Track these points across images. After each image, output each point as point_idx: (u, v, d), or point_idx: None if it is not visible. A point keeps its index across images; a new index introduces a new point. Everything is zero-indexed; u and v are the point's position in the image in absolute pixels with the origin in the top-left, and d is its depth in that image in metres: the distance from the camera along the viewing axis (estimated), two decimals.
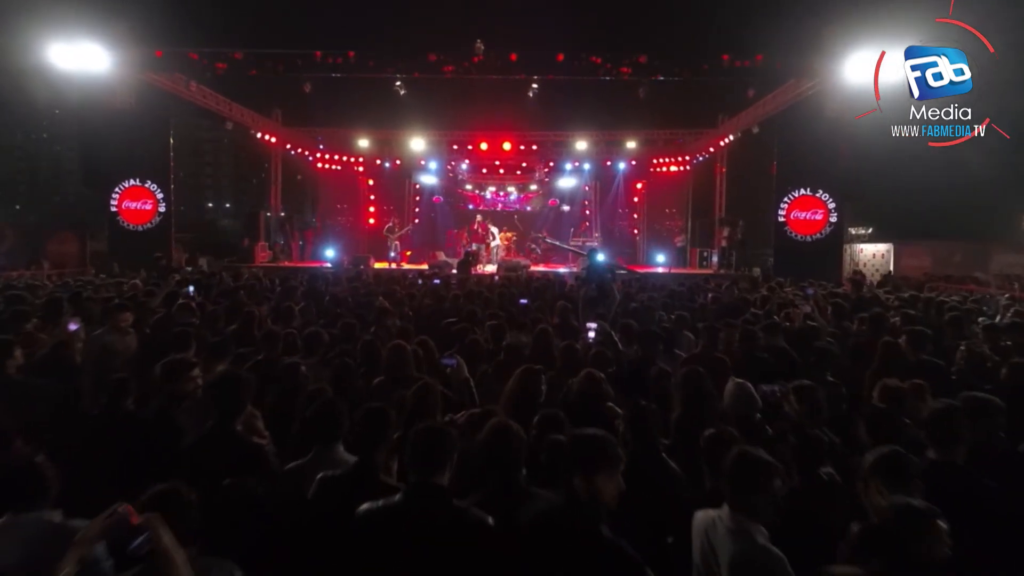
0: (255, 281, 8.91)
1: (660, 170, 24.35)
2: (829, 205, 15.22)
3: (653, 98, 18.44)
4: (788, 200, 15.10)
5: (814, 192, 15.21)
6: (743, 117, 19.29)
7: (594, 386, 3.71)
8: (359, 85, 17.32)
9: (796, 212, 14.86)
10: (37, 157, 59.03)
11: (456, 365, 4.07)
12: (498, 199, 25.09)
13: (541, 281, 10.64)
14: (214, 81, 17.49)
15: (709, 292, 9.11)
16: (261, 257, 19.95)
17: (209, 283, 8.36)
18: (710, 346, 5.19)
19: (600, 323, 5.49)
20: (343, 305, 7.46)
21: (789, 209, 14.36)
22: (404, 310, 7.08)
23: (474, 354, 4.84)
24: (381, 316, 6.21)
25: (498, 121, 20.87)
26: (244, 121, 20.03)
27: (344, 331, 5.47)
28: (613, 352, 4.86)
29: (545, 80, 14.56)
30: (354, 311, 6.81)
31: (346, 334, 5.40)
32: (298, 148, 22.96)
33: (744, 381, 3.76)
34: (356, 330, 5.53)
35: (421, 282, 10.94)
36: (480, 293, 8.68)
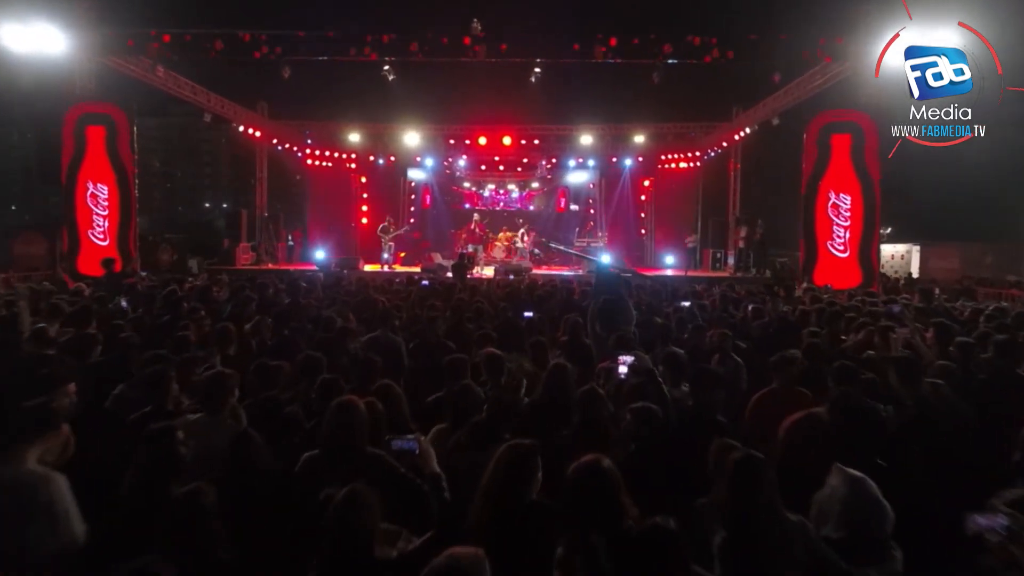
0: (206, 289, 7.50)
1: (669, 166, 23.02)
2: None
3: (664, 89, 17.06)
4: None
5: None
6: (761, 108, 17.94)
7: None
8: (347, 72, 15.99)
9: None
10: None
11: (416, 450, 2.65)
12: (498, 197, 23.70)
13: (546, 288, 9.24)
14: (190, 70, 16.16)
15: (746, 302, 7.71)
16: (243, 259, 18.61)
17: (152, 294, 6.99)
18: (785, 388, 3.80)
19: (638, 355, 4.06)
20: (300, 320, 6.05)
21: (820, 207, 12.91)
22: (382, 332, 5.66)
23: (466, 408, 3.44)
24: (341, 340, 4.83)
25: (497, 113, 19.51)
26: (225, 113, 18.66)
27: (304, 364, 4.03)
28: (656, 397, 3.46)
29: (548, 64, 13.14)
30: (312, 334, 5.43)
31: (305, 367, 3.98)
32: (285, 143, 21.58)
33: (863, 477, 2.36)
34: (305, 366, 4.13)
35: (410, 286, 9.55)
36: (477, 306, 7.30)
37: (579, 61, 12.69)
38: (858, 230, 12.68)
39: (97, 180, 13.16)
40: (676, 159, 22.66)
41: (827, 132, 12.52)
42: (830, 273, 12.52)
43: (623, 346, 4.56)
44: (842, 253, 12.76)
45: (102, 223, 13.25)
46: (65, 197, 13.22)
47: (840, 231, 12.74)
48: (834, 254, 12.80)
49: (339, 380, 3.62)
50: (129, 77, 14.01)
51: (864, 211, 12.63)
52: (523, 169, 23.17)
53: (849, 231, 12.71)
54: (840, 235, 12.74)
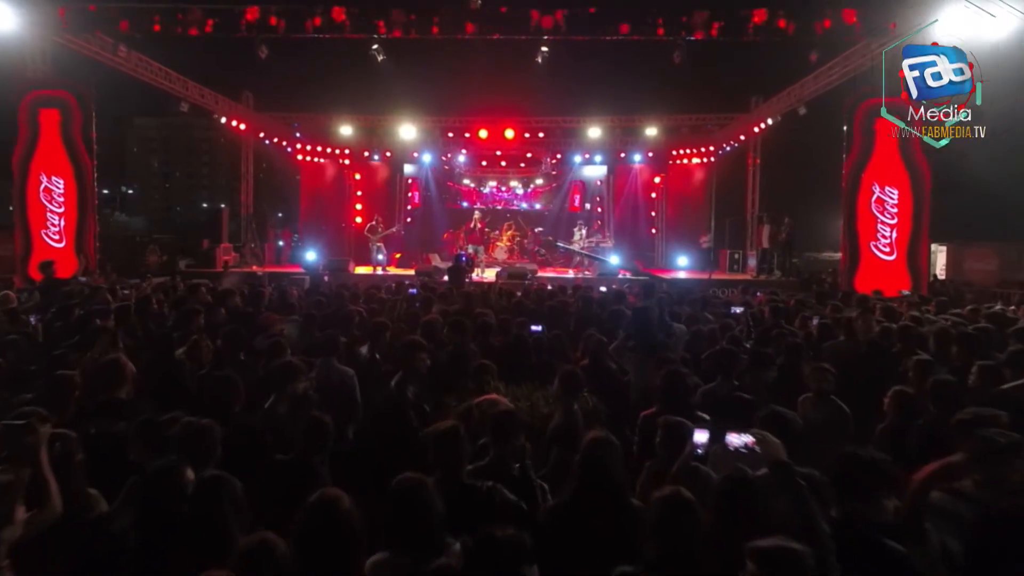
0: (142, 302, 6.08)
1: (681, 162, 21.67)
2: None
3: (678, 79, 15.77)
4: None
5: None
6: (785, 96, 16.52)
7: None
8: (334, 56, 14.67)
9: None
10: None
11: None
12: (500, 195, 22.29)
13: (557, 298, 7.80)
14: (162, 52, 14.78)
15: (808, 314, 6.29)
16: (224, 261, 17.20)
17: (67, 304, 5.60)
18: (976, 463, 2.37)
19: (762, 439, 2.47)
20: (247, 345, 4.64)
21: (863, 202, 11.47)
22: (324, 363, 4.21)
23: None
24: (283, 379, 3.42)
25: (499, 104, 18.14)
26: (205, 103, 17.26)
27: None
28: (804, 527, 2.00)
29: (557, 42, 11.70)
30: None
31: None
32: (273, 137, 20.20)
33: None
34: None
35: (396, 292, 8.14)
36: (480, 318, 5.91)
37: (593, 38, 11.25)
38: (906, 229, 11.22)
39: (51, 173, 11.76)
40: (688, 154, 21.39)
41: (871, 116, 11.03)
42: (874, 278, 11.04)
43: (726, 410, 3.10)
44: (888, 255, 11.31)
45: (57, 221, 11.85)
46: (17, 193, 11.82)
47: (885, 230, 11.29)
48: (879, 256, 11.35)
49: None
50: (90, 59, 12.59)
51: (914, 207, 11.19)
52: (526, 165, 21.79)
53: (896, 230, 11.25)
54: (885, 234, 11.29)
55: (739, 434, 2.40)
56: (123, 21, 11.12)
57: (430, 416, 3.77)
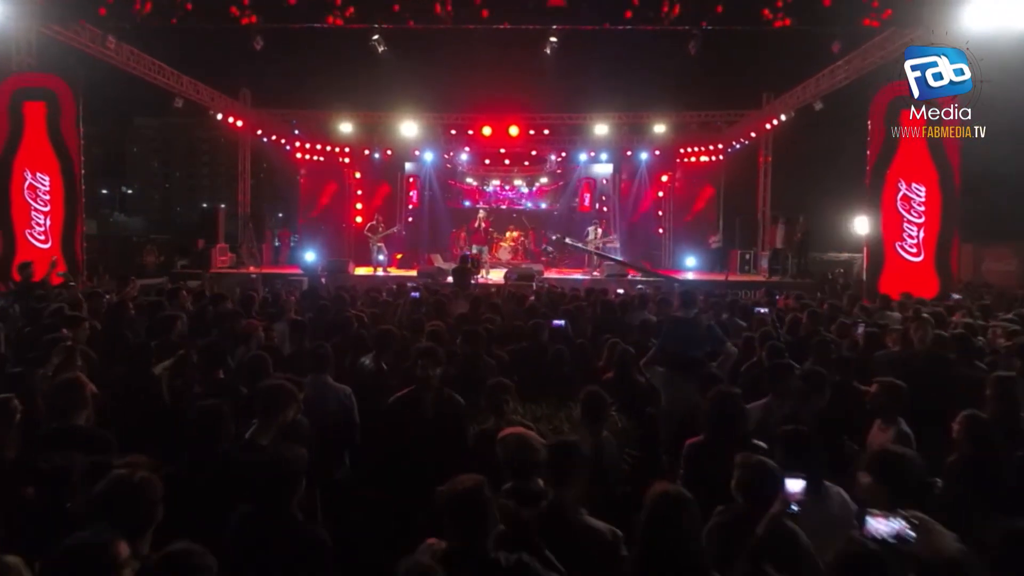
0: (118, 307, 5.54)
1: (688, 160, 21.13)
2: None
3: (687, 75, 15.23)
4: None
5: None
6: (800, 91, 16.00)
7: None
8: (334, 50, 14.12)
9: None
10: None
11: None
12: (503, 194, 21.76)
13: (574, 304, 7.25)
14: (159, 49, 14.30)
15: (855, 322, 5.74)
16: (220, 261, 16.72)
17: (36, 308, 5.07)
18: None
19: (922, 520, 1.86)
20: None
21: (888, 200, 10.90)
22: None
23: None
24: (269, 405, 2.88)
25: (503, 100, 17.56)
26: (201, 99, 16.75)
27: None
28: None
29: (565, 33, 11.15)
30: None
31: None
32: (272, 135, 19.69)
33: None
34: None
35: (398, 299, 7.60)
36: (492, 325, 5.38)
37: (601, 28, 10.69)
38: (935, 228, 10.64)
39: (36, 169, 11.20)
40: (697, 152, 20.87)
41: (896, 110, 10.46)
42: (900, 280, 10.46)
43: (795, 443, 2.53)
44: (915, 257, 10.74)
45: (43, 220, 11.31)
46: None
47: (912, 229, 10.72)
48: (904, 258, 10.79)
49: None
50: (79, 52, 12.07)
51: (943, 205, 10.64)
52: (531, 163, 21.27)
53: (924, 229, 10.68)
54: (912, 234, 10.73)
55: (885, 517, 1.83)
56: (101, 7, 10.58)
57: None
